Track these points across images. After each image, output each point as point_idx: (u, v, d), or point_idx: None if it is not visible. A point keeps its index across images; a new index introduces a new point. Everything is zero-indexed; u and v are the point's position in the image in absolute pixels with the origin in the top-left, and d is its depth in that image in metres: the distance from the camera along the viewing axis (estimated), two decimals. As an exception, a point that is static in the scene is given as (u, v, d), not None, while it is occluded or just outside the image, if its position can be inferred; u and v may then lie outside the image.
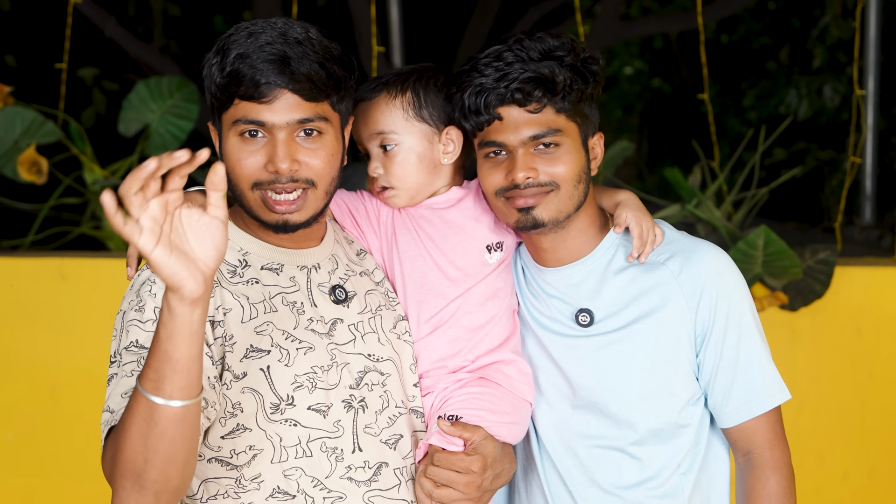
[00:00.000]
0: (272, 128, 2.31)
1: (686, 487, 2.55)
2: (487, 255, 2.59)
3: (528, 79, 2.41)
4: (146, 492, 2.05)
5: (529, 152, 2.45)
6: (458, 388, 2.55)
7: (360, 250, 2.61)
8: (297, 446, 2.32)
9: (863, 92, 5.21)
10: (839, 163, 8.05)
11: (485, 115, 2.44)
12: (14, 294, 4.56)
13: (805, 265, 4.28)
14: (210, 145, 2.20)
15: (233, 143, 2.34)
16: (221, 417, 2.28)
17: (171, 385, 1.97)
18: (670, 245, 2.55)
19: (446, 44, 9.06)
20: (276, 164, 2.30)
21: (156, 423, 1.98)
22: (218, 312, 2.29)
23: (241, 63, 2.29)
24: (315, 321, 2.39)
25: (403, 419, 2.47)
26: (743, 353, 2.52)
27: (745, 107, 9.06)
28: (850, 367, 4.35)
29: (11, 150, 5.05)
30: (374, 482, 2.39)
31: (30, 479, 4.54)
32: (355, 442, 2.38)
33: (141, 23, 8.64)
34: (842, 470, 4.34)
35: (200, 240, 1.93)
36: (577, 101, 2.46)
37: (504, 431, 2.52)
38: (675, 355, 2.51)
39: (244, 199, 2.36)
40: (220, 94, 2.33)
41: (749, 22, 9.22)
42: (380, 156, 2.58)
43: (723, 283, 2.50)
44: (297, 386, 2.32)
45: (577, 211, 2.51)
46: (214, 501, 2.33)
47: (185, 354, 1.96)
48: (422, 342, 2.56)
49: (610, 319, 2.54)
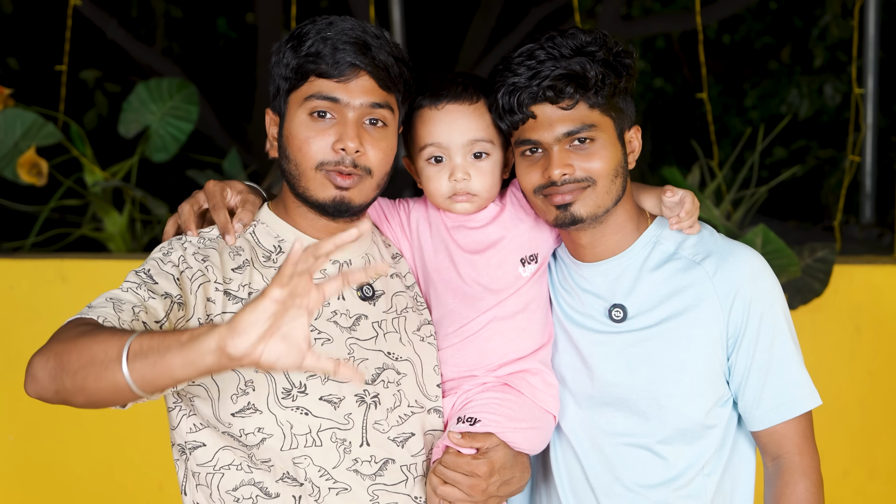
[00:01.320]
0: (345, 107, 2.37)
1: (709, 488, 2.55)
2: (521, 269, 2.60)
3: (559, 76, 2.41)
4: (53, 382, 2.05)
5: (565, 149, 2.45)
6: (481, 391, 2.57)
7: (396, 253, 2.65)
8: (308, 435, 2.36)
9: (862, 90, 5.22)
10: (839, 161, 8.05)
11: (519, 113, 2.45)
12: (14, 295, 4.57)
13: (804, 264, 4.29)
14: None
15: (300, 121, 2.40)
16: (233, 394, 2.33)
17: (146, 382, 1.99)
18: (707, 245, 2.55)
19: (448, 45, 9.07)
20: (345, 142, 2.35)
21: (105, 368, 1.99)
22: (242, 290, 2.35)
23: (322, 44, 2.36)
24: (339, 314, 2.44)
25: (416, 418, 2.50)
26: (775, 356, 2.52)
27: (747, 106, 9.06)
28: (849, 366, 4.36)
29: (12, 152, 5.06)
30: (379, 476, 2.43)
31: (31, 480, 4.56)
32: (364, 436, 2.41)
33: (143, 25, 8.65)
34: (842, 468, 4.34)
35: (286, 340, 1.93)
36: (611, 95, 2.46)
37: (520, 439, 2.53)
38: (705, 356, 2.51)
39: (303, 179, 2.40)
40: (293, 74, 2.39)
41: (751, 22, 9.21)
42: (469, 164, 2.56)
43: (757, 286, 2.50)
44: (311, 375, 2.36)
45: (615, 205, 2.52)
46: (228, 471, 2.37)
47: (178, 380, 1.98)
48: (449, 350, 2.59)
49: (643, 316, 2.54)
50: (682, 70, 9.47)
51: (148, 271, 2.29)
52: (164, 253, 2.36)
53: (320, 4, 9.41)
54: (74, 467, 4.48)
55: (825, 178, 8.12)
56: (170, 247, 2.38)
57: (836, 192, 7.61)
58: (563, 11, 7.91)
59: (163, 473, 4.45)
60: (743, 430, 2.60)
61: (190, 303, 2.30)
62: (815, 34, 8.49)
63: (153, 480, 4.49)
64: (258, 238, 2.47)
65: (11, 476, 4.55)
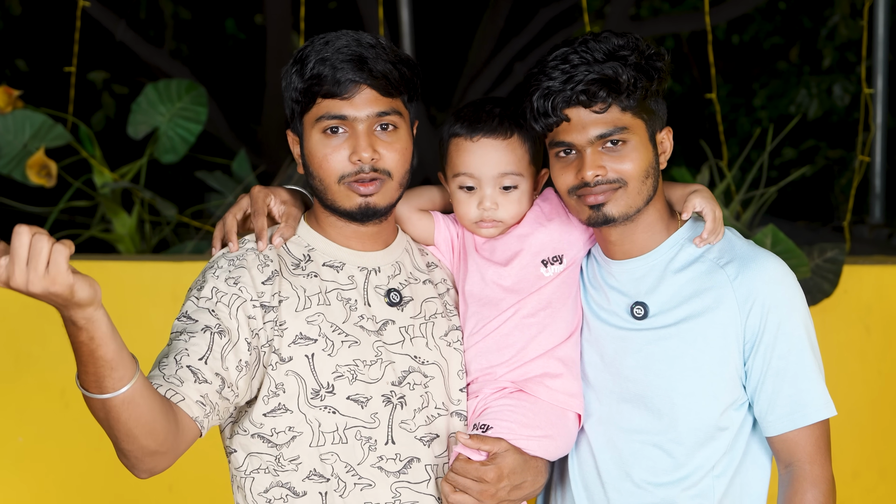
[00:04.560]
0: (353, 121, 2.49)
1: (718, 490, 2.56)
2: (543, 269, 2.64)
3: (592, 80, 2.45)
4: (126, 460, 2.30)
5: (597, 151, 2.50)
6: (497, 398, 2.60)
7: (431, 262, 2.73)
8: (335, 433, 2.47)
9: (871, 91, 5.21)
10: (849, 161, 8.04)
11: (553, 117, 2.49)
12: (24, 298, 4.54)
13: (813, 264, 4.29)
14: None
15: (316, 140, 2.52)
16: (265, 396, 2.46)
17: (109, 380, 2.16)
18: (731, 251, 2.57)
19: (456, 45, 9.08)
20: (360, 154, 2.48)
21: (107, 413, 2.20)
22: (273, 299, 2.47)
23: (322, 65, 2.48)
24: (366, 319, 2.53)
25: (442, 420, 2.57)
26: (791, 363, 2.52)
27: (756, 106, 9.05)
28: (859, 366, 4.36)
29: (21, 154, 5.08)
30: (403, 474, 2.51)
31: (40, 481, 4.57)
32: (389, 434, 2.50)
33: (151, 26, 8.67)
34: (852, 469, 4.34)
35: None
36: (643, 98, 2.50)
37: (534, 446, 2.56)
38: (721, 358, 2.53)
39: (329, 192, 2.53)
40: (301, 98, 2.51)
41: (760, 22, 9.20)
42: (498, 194, 2.64)
43: (777, 292, 2.52)
44: (338, 376, 2.47)
45: (646, 205, 2.56)
46: (257, 475, 2.50)
47: (111, 350, 2.13)
48: (472, 350, 2.64)
49: (663, 315, 2.56)
50: (691, 70, 9.47)
51: (187, 313, 2.44)
52: (198, 289, 2.47)
53: (329, 6, 9.42)
54: (83, 469, 4.49)
55: (835, 178, 8.12)
56: (202, 279, 2.49)
57: (845, 193, 7.61)
58: (572, 12, 7.92)
59: (172, 475, 4.44)
60: (757, 435, 2.61)
61: (232, 326, 2.41)
62: (824, 34, 8.48)
63: (163, 482, 4.50)
64: (288, 247, 2.58)
65: (21, 477, 4.57)
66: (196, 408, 2.34)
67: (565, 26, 7.89)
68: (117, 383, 2.16)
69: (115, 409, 2.19)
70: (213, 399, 2.37)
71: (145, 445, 2.26)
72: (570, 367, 2.64)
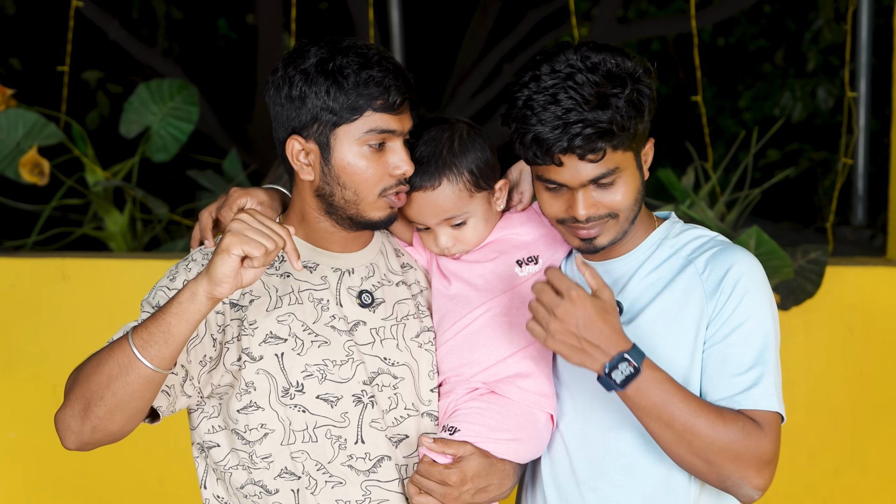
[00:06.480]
0: (399, 136, 2.51)
1: (693, 489, 2.55)
2: (518, 269, 2.62)
3: (588, 134, 2.38)
4: (87, 421, 2.33)
5: (588, 189, 2.46)
6: (468, 399, 2.59)
7: (406, 263, 2.72)
8: (305, 431, 2.49)
9: (854, 94, 5.25)
10: (832, 164, 8.08)
11: (543, 160, 2.44)
12: (16, 294, 4.60)
13: (796, 265, 4.29)
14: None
15: (360, 152, 2.49)
16: (237, 393, 2.48)
17: (157, 352, 2.26)
18: (703, 245, 2.56)
19: (446, 46, 9.11)
20: (404, 168, 2.50)
21: (127, 374, 2.27)
22: (243, 298, 2.49)
23: (372, 80, 2.46)
24: (337, 319, 2.54)
25: (412, 421, 2.58)
26: (744, 334, 2.47)
27: (741, 108, 9.09)
28: (841, 366, 4.37)
29: (14, 152, 5.08)
30: (373, 473, 2.52)
31: (32, 477, 4.59)
32: (359, 434, 2.52)
33: (144, 26, 8.69)
34: (833, 467, 4.37)
35: (247, 273, 2.27)
36: (634, 134, 2.45)
37: (502, 449, 2.55)
38: (693, 352, 2.51)
39: (363, 203, 2.52)
40: (344, 110, 2.46)
41: (745, 25, 9.24)
42: (449, 233, 2.62)
43: (743, 275, 2.49)
44: (308, 375, 2.49)
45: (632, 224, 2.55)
46: (234, 470, 2.52)
47: (182, 333, 2.26)
48: (443, 348, 2.63)
49: (635, 312, 2.55)
50: (676, 72, 9.51)
51: (158, 304, 2.45)
52: (170, 279, 2.50)
53: (320, 6, 9.45)
54: (75, 464, 4.51)
55: (818, 180, 8.15)
56: (175, 272, 2.51)
57: (828, 195, 7.64)
58: (560, 14, 7.94)
59: (163, 470, 4.49)
60: None
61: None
62: (808, 38, 8.52)
63: (153, 477, 4.53)
64: None
65: (12, 473, 4.58)
66: (162, 397, 2.40)
67: (553, 28, 7.93)
68: (161, 362, 2.26)
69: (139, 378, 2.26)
70: (176, 391, 2.42)
71: (119, 423, 2.32)
72: (542, 366, 2.62)
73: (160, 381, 2.30)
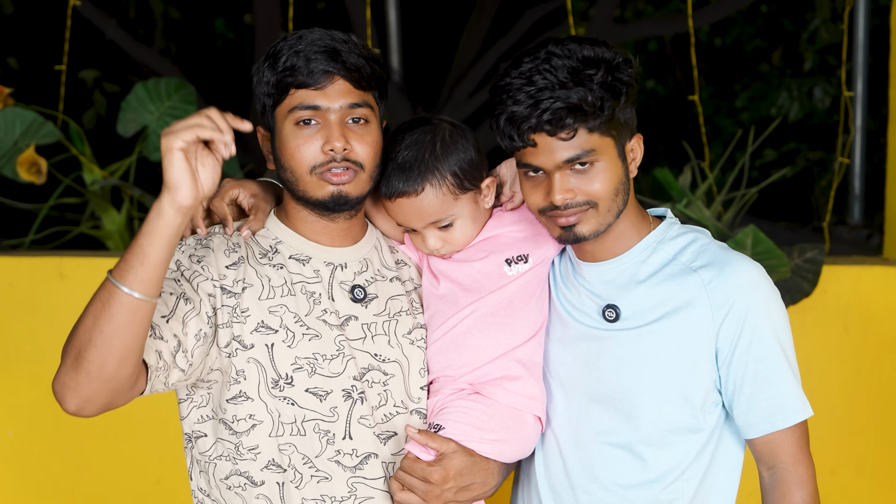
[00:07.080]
0: (326, 112, 2.49)
1: (686, 493, 2.56)
2: (507, 268, 2.62)
3: (557, 108, 2.40)
4: (80, 370, 2.25)
5: (565, 174, 2.46)
6: (455, 398, 2.59)
7: (400, 259, 2.72)
8: (293, 424, 2.49)
9: (851, 94, 5.25)
10: (829, 163, 8.09)
11: (519, 142, 2.46)
12: (14, 292, 4.60)
13: (793, 264, 4.29)
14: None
15: (289, 131, 2.51)
16: (227, 381, 2.48)
17: (134, 276, 2.21)
18: (705, 254, 2.55)
19: (443, 46, 9.11)
20: (332, 143, 2.47)
21: (110, 306, 2.22)
22: (236, 285, 2.48)
23: (296, 57, 2.48)
24: (329, 313, 2.54)
25: (401, 418, 2.58)
26: (769, 366, 2.51)
27: (738, 108, 9.10)
28: (837, 365, 4.37)
29: (11, 151, 5.08)
30: (359, 470, 2.52)
31: (29, 475, 4.59)
32: (347, 429, 2.52)
33: (141, 25, 8.69)
34: (830, 466, 4.37)
35: (205, 171, 2.23)
36: (611, 117, 2.45)
37: (487, 448, 2.55)
38: (692, 361, 2.51)
39: (300, 183, 2.52)
40: (274, 90, 2.51)
41: (742, 25, 9.25)
42: (437, 234, 2.62)
43: (754, 297, 2.50)
44: (297, 368, 2.49)
45: (616, 219, 2.54)
46: (219, 461, 2.52)
47: (156, 252, 2.22)
48: (433, 347, 2.63)
49: (635, 318, 2.55)
50: (673, 72, 9.52)
51: None
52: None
53: (317, 6, 9.45)
54: (73, 463, 4.51)
55: (815, 179, 8.16)
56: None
57: (825, 194, 7.66)
58: (557, 14, 7.96)
59: (160, 469, 4.49)
60: (727, 438, 2.60)
61: (195, 298, 2.42)
62: (805, 38, 8.53)
63: (151, 475, 4.53)
64: (256, 238, 2.58)
65: (10, 471, 4.58)
66: (152, 356, 2.35)
67: (550, 28, 7.94)
68: (140, 286, 2.21)
69: (121, 309, 2.21)
70: (166, 358, 2.37)
71: (111, 366, 2.25)
72: (531, 369, 2.62)
73: (144, 313, 2.23)
